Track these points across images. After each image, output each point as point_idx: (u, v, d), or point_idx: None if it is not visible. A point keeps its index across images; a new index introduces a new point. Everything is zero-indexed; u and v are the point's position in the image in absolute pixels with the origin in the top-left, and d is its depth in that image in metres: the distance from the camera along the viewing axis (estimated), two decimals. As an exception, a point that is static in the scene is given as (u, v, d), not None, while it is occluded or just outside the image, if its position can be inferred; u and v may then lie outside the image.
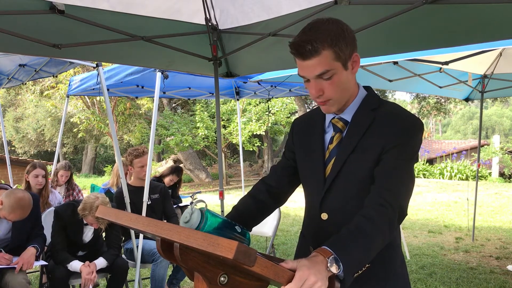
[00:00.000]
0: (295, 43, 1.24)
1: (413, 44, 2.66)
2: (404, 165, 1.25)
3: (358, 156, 1.29)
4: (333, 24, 1.24)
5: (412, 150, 1.27)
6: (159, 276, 3.52)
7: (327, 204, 1.34)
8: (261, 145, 17.61)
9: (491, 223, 7.31)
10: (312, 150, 1.41)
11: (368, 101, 1.35)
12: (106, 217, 1.19)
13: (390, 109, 1.32)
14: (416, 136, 1.27)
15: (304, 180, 1.45)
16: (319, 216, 1.36)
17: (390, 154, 1.24)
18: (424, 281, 4.27)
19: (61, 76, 12.18)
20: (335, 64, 1.23)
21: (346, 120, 1.35)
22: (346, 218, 1.30)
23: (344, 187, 1.32)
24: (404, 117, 1.29)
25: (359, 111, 1.34)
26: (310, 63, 1.23)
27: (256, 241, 6.04)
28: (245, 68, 3.49)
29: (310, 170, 1.41)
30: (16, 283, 2.86)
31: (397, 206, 1.20)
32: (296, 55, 1.25)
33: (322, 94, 1.27)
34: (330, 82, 1.25)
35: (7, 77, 5.05)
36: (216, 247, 0.86)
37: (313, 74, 1.25)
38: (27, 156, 23.01)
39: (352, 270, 1.09)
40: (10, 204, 2.87)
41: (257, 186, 1.52)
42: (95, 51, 2.98)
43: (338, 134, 1.35)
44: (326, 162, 1.36)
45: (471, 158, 16.63)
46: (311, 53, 1.21)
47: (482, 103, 5.94)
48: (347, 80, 1.29)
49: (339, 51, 1.22)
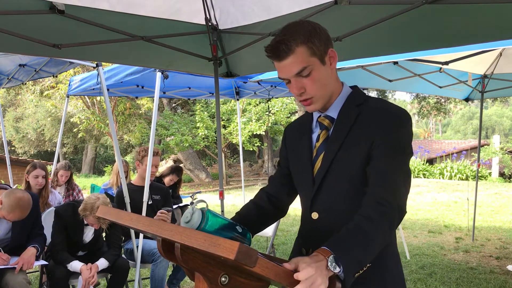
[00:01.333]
0: (270, 45, 1.26)
1: (413, 44, 2.66)
2: (397, 162, 1.23)
3: (346, 153, 1.28)
4: (304, 23, 1.27)
5: (402, 143, 1.25)
6: (159, 276, 3.52)
7: (317, 203, 1.34)
8: (261, 145, 17.61)
9: (491, 223, 7.31)
10: (301, 151, 1.41)
11: (353, 97, 1.35)
12: (107, 217, 1.19)
13: (376, 103, 1.31)
14: (404, 127, 1.26)
15: (296, 182, 1.45)
16: (310, 216, 1.35)
17: (380, 150, 1.23)
18: (424, 281, 4.27)
19: (61, 76, 12.18)
20: (311, 60, 1.24)
21: (332, 118, 1.35)
22: (337, 217, 1.30)
23: (334, 185, 1.30)
24: (390, 110, 1.28)
25: (345, 108, 1.34)
26: (287, 63, 1.24)
27: (256, 241, 6.04)
28: (245, 68, 3.49)
29: (300, 170, 1.41)
30: (16, 283, 2.86)
31: (396, 205, 1.18)
32: (272, 57, 1.27)
33: (304, 91, 1.28)
34: (310, 78, 1.26)
35: (7, 77, 5.05)
36: (217, 247, 0.86)
37: (292, 73, 1.26)
38: (27, 156, 23.01)
39: (353, 270, 1.09)
40: (9, 204, 2.87)
41: (259, 194, 1.53)
42: (95, 51, 2.97)
43: (324, 131, 1.35)
44: (313, 160, 1.35)
45: (471, 158, 16.64)
46: (286, 52, 1.23)
47: (482, 103, 5.94)
48: (327, 76, 1.29)
49: (313, 47, 1.24)
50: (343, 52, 2.71)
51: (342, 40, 2.46)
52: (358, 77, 4.58)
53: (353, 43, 2.51)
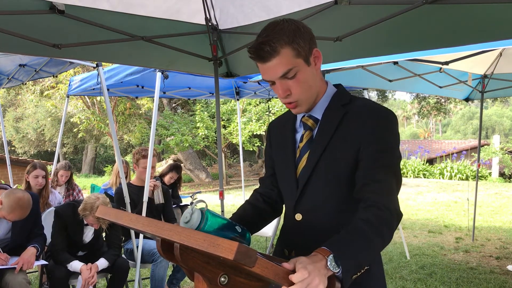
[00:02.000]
0: (253, 47, 1.22)
1: (413, 44, 2.65)
2: (389, 166, 1.21)
3: (331, 154, 1.26)
4: (287, 23, 1.22)
5: (391, 145, 1.23)
6: (159, 276, 3.52)
7: (301, 204, 1.32)
8: (261, 145, 17.61)
9: (491, 223, 7.31)
10: (284, 151, 1.39)
11: (338, 97, 1.33)
12: (106, 217, 1.19)
13: (361, 103, 1.29)
14: (391, 128, 1.24)
15: (280, 183, 1.43)
16: (294, 217, 1.34)
17: (370, 153, 1.21)
18: (424, 281, 4.27)
19: (61, 76, 12.18)
20: (296, 61, 1.21)
21: (316, 118, 1.33)
22: (321, 218, 1.28)
23: (318, 186, 1.28)
24: (376, 110, 1.25)
25: (329, 108, 1.31)
26: (272, 65, 1.21)
27: (256, 241, 6.04)
28: (245, 68, 3.48)
29: (283, 171, 1.39)
30: (16, 283, 2.86)
31: (393, 209, 1.17)
32: (256, 59, 1.23)
33: (289, 93, 1.25)
34: (295, 80, 1.23)
35: (7, 77, 5.05)
36: (216, 247, 0.86)
37: (277, 75, 1.22)
38: (27, 156, 23.01)
39: (351, 271, 1.08)
40: (9, 204, 2.87)
41: (253, 195, 1.52)
42: (95, 51, 2.97)
43: (308, 132, 1.33)
44: (297, 161, 1.33)
45: (471, 158, 16.65)
46: (271, 54, 1.20)
47: (482, 103, 5.94)
48: (312, 77, 1.26)
49: (298, 47, 1.20)
50: (343, 52, 2.72)
51: (342, 40, 2.46)
52: (358, 77, 4.57)
53: (353, 43, 2.51)
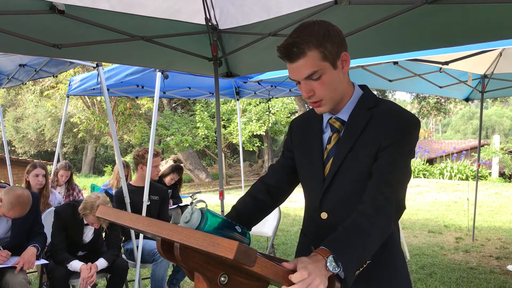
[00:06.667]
0: (282, 46, 1.26)
1: (413, 44, 2.66)
2: (400, 160, 1.26)
3: (355, 154, 1.30)
4: (318, 25, 1.25)
5: (408, 147, 1.28)
6: (159, 276, 3.52)
7: (326, 203, 1.35)
8: (261, 145, 17.61)
9: (491, 223, 7.31)
10: (311, 150, 1.41)
11: (364, 100, 1.36)
12: (106, 217, 1.19)
13: (387, 107, 1.33)
14: (412, 133, 1.29)
15: (304, 180, 1.46)
16: (319, 215, 1.37)
17: (386, 151, 1.26)
18: (424, 281, 4.27)
19: (61, 76, 12.16)
20: (322, 64, 1.24)
21: (343, 120, 1.36)
22: (346, 216, 1.30)
23: (343, 186, 1.32)
24: (400, 115, 1.30)
25: (356, 111, 1.35)
26: (298, 65, 1.25)
27: (256, 241, 6.03)
28: (245, 68, 3.49)
29: (309, 170, 1.42)
30: (16, 283, 2.86)
31: (393, 198, 1.22)
32: (284, 58, 1.27)
33: (313, 94, 1.28)
34: (320, 82, 1.26)
35: (7, 77, 5.05)
36: (216, 247, 0.87)
37: (302, 76, 1.26)
38: (27, 156, 23.00)
39: (353, 268, 1.09)
40: (9, 201, 2.87)
41: (256, 185, 1.53)
42: (95, 51, 2.98)
43: (335, 134, 1.36)
44: (325, 162, 1.37)
45: (471, 158, 16.64)
46: (298, 55, 1.23)
47: (482, 103, 5.94)
48: (337, 80, 1.29)
49: (326, 51, 1.23)
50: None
51: (342, 40, 2.46)
52: (358, 77, 4.57)
53: (353, 43, 2.48)
